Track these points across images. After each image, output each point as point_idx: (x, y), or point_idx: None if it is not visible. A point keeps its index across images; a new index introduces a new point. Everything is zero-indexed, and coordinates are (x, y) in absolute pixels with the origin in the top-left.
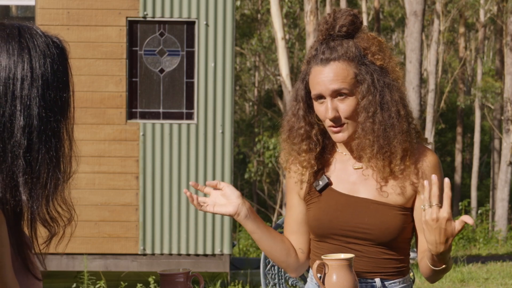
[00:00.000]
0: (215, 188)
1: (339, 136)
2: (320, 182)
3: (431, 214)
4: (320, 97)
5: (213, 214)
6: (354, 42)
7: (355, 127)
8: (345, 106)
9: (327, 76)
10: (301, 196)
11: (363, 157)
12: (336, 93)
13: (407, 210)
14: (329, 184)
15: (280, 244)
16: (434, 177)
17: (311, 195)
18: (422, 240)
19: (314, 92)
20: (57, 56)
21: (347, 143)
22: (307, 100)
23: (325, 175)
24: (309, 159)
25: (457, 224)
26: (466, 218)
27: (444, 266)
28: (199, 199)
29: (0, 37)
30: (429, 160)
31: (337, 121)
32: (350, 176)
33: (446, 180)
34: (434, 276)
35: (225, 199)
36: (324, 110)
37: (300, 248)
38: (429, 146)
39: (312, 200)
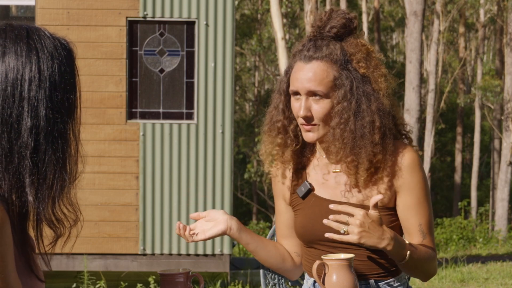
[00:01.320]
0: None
1: (309, 136)
2: (302, 188)
3: (353, 223)
4: (296, 93)
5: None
6: (341, 46)
7: (326, 130)
8: (318, 108)
9: (306, 74)
10: (286, 201)
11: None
12: (311, 93)
13: (391, 209)
14: (311, 190)
15: (274, 252)
16: (332, 206)
17: (296, 201)
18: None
19: (291, 87)
20: (64, 58)
21: (324, 146)
22: (288, 94)
23: (306, 181)
24: (283, 154)
25: (371, 210)
26: (373, 200)
27: (408, 253)
28: (187, 231)
29: (8, 38)
30: (406, 158)
31: (308, 120)
32: (330, 180)
33: (331, 205)
34: (414, 272)
35: (212, 222)
36: (298, 107)
37: (295, 252)
38: (420, 153)
39: (297, 206)
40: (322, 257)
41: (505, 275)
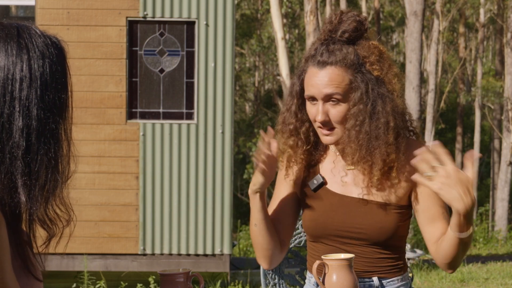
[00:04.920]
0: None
1: (327, 139)
2: (315, 181)
3: (441, 173)
4: (313, 98)
5: (213, 213)
6: (354, 49)
7: (344, 132)
8: (336, 112)
9: (321, 80)
10: (297, 190)
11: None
12: (328, 98)
13: (402, 207)
14: (324, 183)
15: (274, 232)
16: (420, 151)
17: (305, 194)
18: (430, 231)
19: (307, 93)
20: (56, 57)
21: (339, 147)
22: (301, 96)
23: (320, 174)
24: (294, 155)
25: (468, 171)
26: (468, 157)
27: (471, 230)
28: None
29: None
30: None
31: (326, 125)
32: (343, 176)
33: (436, 143)
34: (460, 253)
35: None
36: (315, 112)
37: (283, 240)
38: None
39: (307, 199)
40: (322, 257)
41: (505, 275)
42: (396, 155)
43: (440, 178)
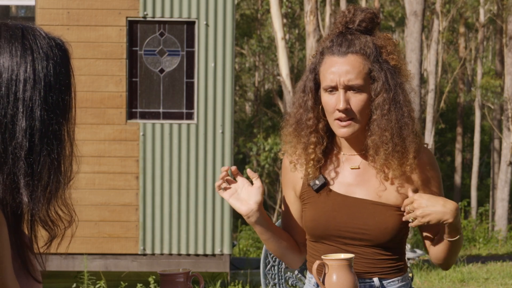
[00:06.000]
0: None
1: (344, 131)
2: (317, 182)
3: (414, 207)
4: (332, 88)
5: (213, 213)
6: (372, 39)
7: (361, 124)
8: (357, 100)
9: (343, 67)
10: (297, 193)
11: (373, 156)
12: (349, 86)
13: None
14: (326, 184)
15: (285, 243)
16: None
17: (307, 194)
18: (428, 234)
19: (326, 82)
20: (59, 58)
21: (349, 141)
22: (315, 92)
23: (322, 175)
24: (317, 153)
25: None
26: (409, 194)
27: (460, 235)
28: (223, 185)
29: (3, 38)
30: (424, 158)
31: (347, 113)
32: (347, 176)
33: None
34: (452, 254)
35: (246, 195)
36: (334, 101)
37: (301, 242)
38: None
39: (309, 199)
40: (322, 257)
41: (505, 275)
42: (417, 145)
43: (416, 212)
